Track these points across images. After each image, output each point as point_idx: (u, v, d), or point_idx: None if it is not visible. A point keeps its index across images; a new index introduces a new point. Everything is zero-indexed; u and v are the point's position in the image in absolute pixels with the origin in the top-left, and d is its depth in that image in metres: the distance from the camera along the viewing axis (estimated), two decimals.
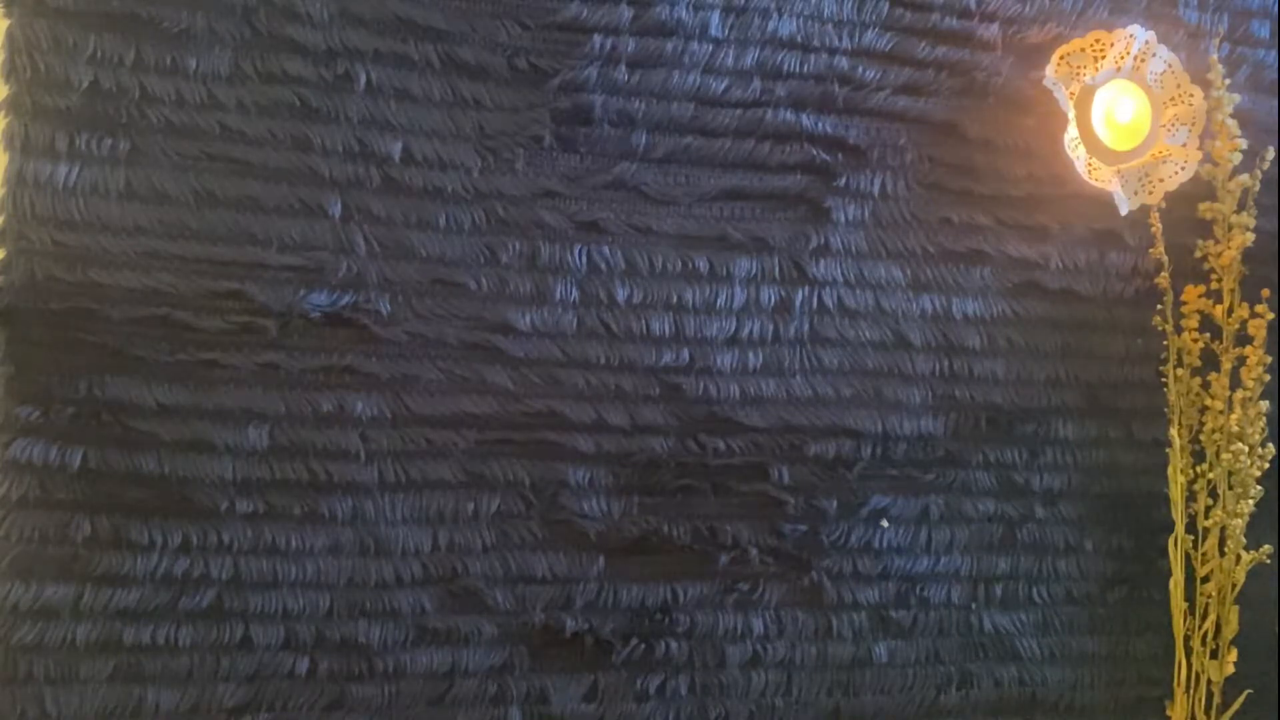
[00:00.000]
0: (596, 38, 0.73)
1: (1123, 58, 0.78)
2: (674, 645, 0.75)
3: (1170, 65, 0.80)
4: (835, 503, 0.77)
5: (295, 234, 0.70)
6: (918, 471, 0.79)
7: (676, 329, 0.75)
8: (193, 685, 0.68)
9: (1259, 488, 0.77)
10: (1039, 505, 0.82)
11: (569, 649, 0.74)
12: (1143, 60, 0.79)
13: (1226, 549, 0.78)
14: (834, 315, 0.78)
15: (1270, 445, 0.78)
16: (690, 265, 0.75)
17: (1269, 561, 0.77)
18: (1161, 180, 0.79)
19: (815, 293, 0.77)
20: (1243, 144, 0.78)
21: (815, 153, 0.77)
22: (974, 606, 0.81)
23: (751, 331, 0.76)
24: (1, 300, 0.66)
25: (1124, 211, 0.79)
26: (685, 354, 0.75)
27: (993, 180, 0.80)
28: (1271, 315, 0.78)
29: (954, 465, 0.80)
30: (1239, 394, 0.77)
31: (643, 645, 0.74)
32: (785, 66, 0.76)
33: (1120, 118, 0.78)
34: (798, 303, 0.77)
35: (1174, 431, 0.79)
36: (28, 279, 0.66)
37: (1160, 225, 0.79)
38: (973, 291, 0.80)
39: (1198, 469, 0.79)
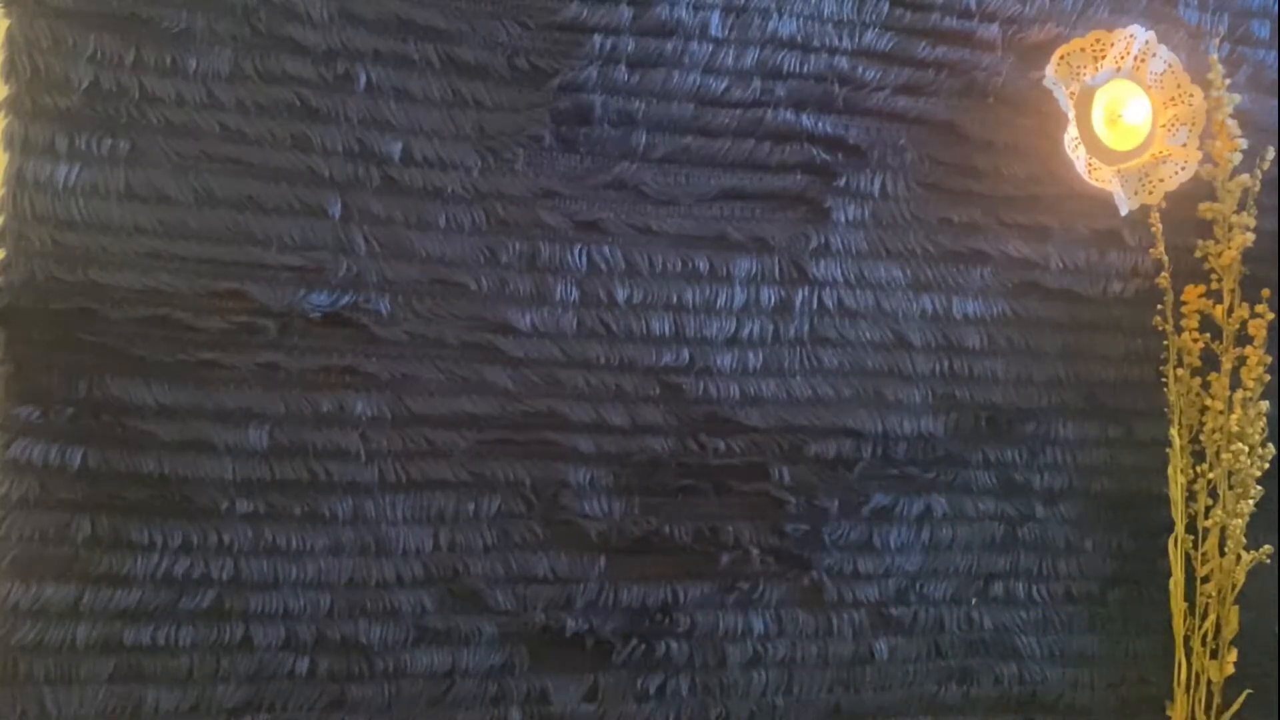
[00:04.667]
0: (596, 38, 0.73)
1: (1123, 58, 0.78)
2: (674, 645, 0.75)
3: (1170, 65, 0.80)
4: (836, 502, 0.77)
5: (295, 234, 0.70)
6: (918, 471, 0.79)
7: (676, 329, 0.75)
8: (193, 685, 0.68)
9: (1259, 488, 0.77)
10: (1039, 504, 0.82)
11: (569, 649, 0.74)
12: (1143, 60, 0.79)
13: (1226, 549, 0.78)
14: (834, 315, 0.78)
15: (1270, 445, 0.78)
16: (690, 265, 0.75)
17: (1269, 561, 0.77)
18: (1161, 180, 0.79)
19: (815, 293, 0.77)
20: (1243, 144, 0.78)
21: (815, 153, 0.77)
22: (974, 604, 0.81)
23: (751, 331, 0.76)
24: (1, 300, 0.65)
25: (1124, 211, 0.79)
26: (685, 354, 0.75)
27: (993, 180, 0.80)
28: (1271, 315, 0.78)
29: (954, 465, 0.80)
30: (1239, 394, 0.77)
31: (643, 645, 0.74)
32: (785, 66, 0.76)
33: (1130, 119, 0.78)
34: (798, 303, 0.77)
35: (1174, 431, 0.79)
36: (28, 279, 0.66)
37: (1160, 225, 0.79)
38: (973, 291, 0.80)
39: (1198, 469, 0.79)
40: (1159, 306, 0.81)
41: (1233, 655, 0.78)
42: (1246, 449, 0.77)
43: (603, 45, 0.73)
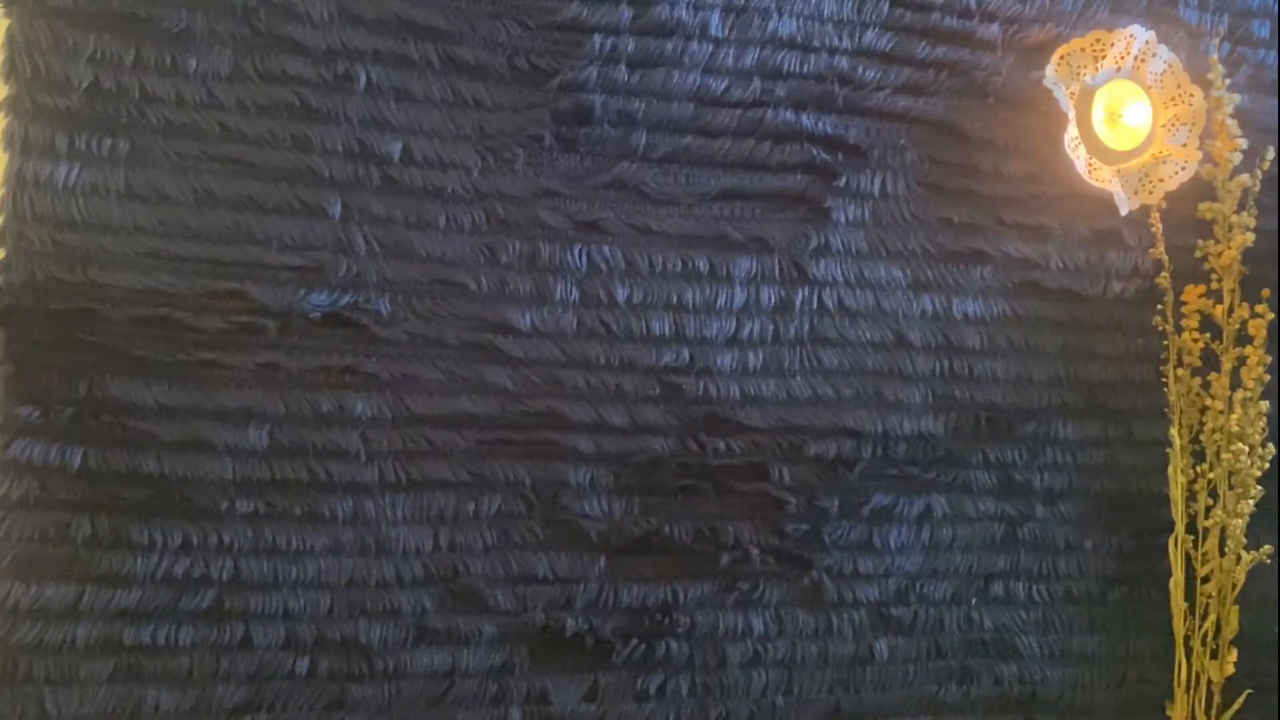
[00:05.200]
0: (596, 38, 0.73)
1: (1123, 58, 0.78)
2: (674, 645, 0.75)
3: (1170, 65, 0.80)
4: (836, 502, 0.77)
5: (295, 234, 0.70)
6: (918, 471, 0.79)
7: (676, 329, 0.75)
8: (193, 685, 0.68)
9: (1259, 488, 0.77)
10: (1039, 504, 0.82)
11: (569, 649, 0.74)
12: (1143, 60, 0.79)
13: (1226, 549, 0.78)
14: (834, 315, 0.78)
15: (1270, 445, 0.78)
16: (690, 265, 0.75)
17: (1269, 561, 0.77)
18: (1161, 180, 0.79)
19: (815, 293, 0.77)
20: (1243, 144, 0.78)
21: (815, 153, 0.77)
22: (974, 604, 0.81)
23: (751, 331, 0.76)
24: (1, 300, 0.66)
25: (1124, 211, 0.79)
26: (685, 354, 0.75)
27: (993, 180, 0.80)
28: (1271, 315, 0.78)
29: (954, 465, 0.80)
30: (1239, 394, 0.77)
31: (643, 645, 0.74)
32: (785, 66, 0.76)
33: (1130, 119, 0.78)
34: (798, 303, 0.77)
35: (1174, 431, 0.79)
36: (28, 279, 0.66)
37: (1160, 225, 0.79)
38: (973, 291, 0.80)
39: (1198, 469, 0.79)
40: (1159, 306, 0.81)
41: (1233, 655, 0.78)
42: (1246, 449, 0.77)
43: (603, 45, 0.73)
